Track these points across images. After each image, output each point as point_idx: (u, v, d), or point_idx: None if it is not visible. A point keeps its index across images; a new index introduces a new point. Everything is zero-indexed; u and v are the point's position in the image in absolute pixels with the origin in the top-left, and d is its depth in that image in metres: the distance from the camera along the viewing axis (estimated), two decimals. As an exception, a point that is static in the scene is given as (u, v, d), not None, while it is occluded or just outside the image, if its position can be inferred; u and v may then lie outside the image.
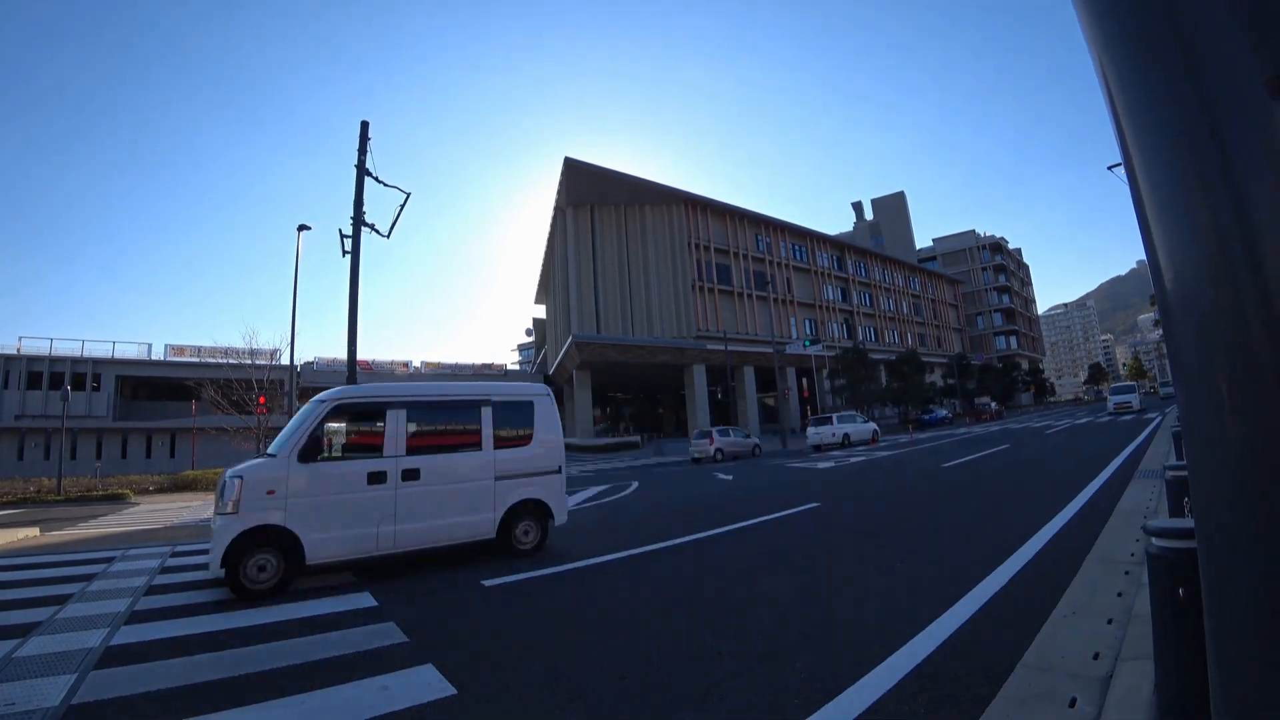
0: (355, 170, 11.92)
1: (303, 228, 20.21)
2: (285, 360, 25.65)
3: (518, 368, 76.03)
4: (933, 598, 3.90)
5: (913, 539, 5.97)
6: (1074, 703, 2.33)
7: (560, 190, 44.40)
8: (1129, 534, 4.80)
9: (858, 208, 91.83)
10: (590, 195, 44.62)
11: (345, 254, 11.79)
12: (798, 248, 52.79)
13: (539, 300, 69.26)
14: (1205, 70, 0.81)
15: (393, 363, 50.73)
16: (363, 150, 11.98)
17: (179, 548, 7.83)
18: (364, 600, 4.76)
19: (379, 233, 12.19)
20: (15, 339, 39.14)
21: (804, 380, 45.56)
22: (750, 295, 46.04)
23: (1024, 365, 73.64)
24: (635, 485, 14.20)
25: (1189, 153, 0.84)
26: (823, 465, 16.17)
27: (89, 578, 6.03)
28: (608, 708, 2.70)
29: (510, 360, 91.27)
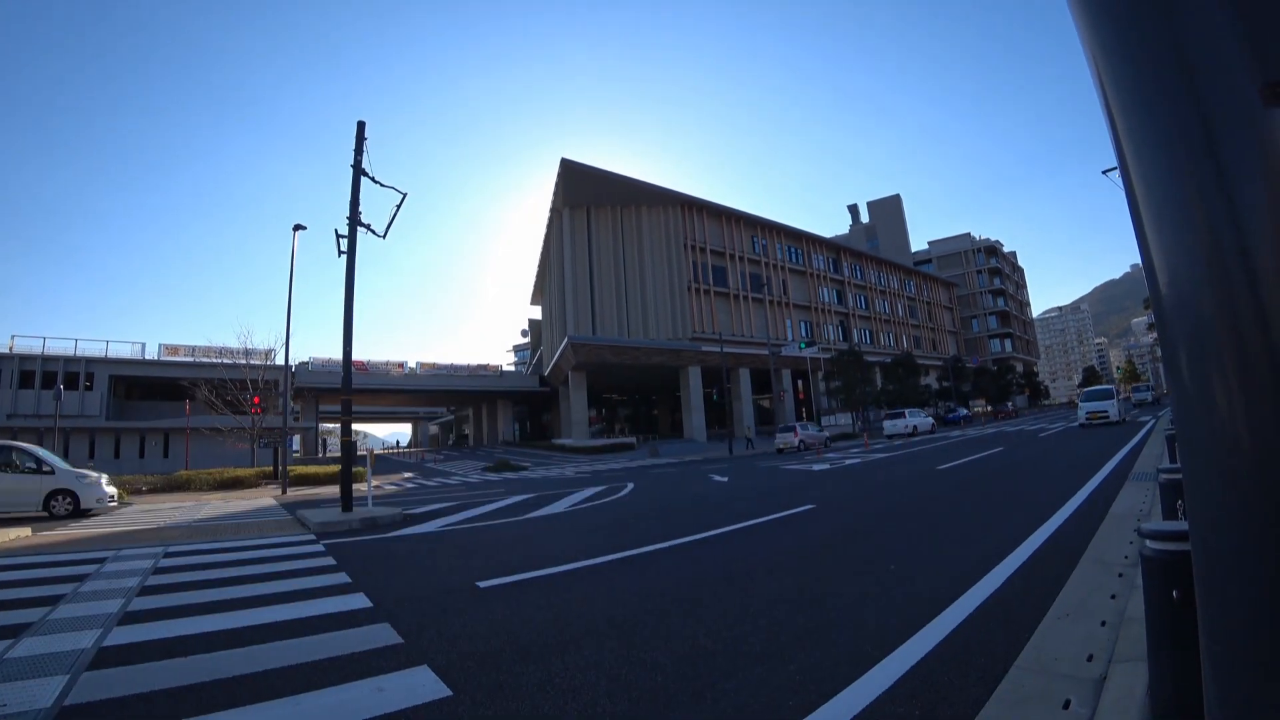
0: (351, 170, 11.90)
1: (298, 228, 20.19)
2: (280, 360, 25.60)
3: (513, 368, 75.97)
4: (928, 599, 3.91)
5: (907, 541, 5.99)
6: (1068, 704, 2.34)
7: (557, 191, 44.41)
8: (1123, 536, 4.83)
9: (853, 210, 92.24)
10: (586, 196, 44.63)
11: (341, 254, 11.76)
12: (793, 250, 52.93)
13: (535, 301, 69.19)
14: (1201, 77, 0.82)
15: (388, 363, 50.63)
16: (359, 150, 11.96)
17: (172, 548, 7.78)
18: (358, 601, 4.74)
19: (375, 233, 12.17)
20: (7, 337, 38.72)
21: (799, 382, 45.66)
22: (746, 297, 46.14)
23: (1019, 368, 73.98)
24: (631, 487, 14.20)
25: (1184, 158, 0.85)
26: (818, 467, 16.22)
27: (81, 578, 5.98)
28: (603, 708, 2.70)
29: (506, 361, 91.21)
